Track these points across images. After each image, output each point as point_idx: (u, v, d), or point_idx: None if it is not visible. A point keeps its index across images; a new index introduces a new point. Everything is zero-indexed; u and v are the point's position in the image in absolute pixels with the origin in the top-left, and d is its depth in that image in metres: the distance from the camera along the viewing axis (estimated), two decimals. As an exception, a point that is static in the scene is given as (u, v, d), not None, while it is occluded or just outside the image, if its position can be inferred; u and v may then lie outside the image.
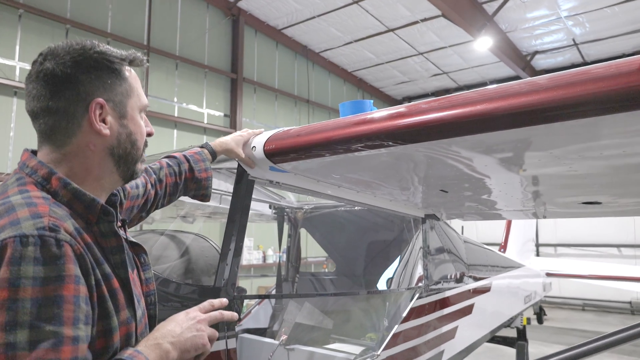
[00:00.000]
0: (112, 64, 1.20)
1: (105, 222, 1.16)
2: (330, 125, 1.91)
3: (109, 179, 1.25)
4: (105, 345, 1.08)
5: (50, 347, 0.90)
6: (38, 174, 1.12)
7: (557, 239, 14.03)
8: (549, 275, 6.81)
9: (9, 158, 8.25)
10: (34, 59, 1.18)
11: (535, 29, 12.41)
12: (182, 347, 1.21)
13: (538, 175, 2.28)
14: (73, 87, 1.14)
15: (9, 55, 8.33)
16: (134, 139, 1.26)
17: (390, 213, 3.36)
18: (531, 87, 1.38)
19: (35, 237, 0.95)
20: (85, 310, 0.99)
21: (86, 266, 1.03)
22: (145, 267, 1.35)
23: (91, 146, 1.18)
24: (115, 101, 1.21)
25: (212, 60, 11.83)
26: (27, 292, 0.91)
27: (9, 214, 0.99)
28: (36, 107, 1.15)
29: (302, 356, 3.00)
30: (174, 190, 1.84)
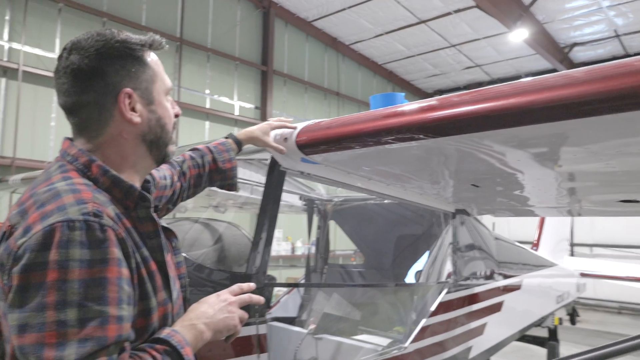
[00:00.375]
0: (134, 51, 1.23)
1: (142, 207, 1.20)
2: (361, 118, 1.92)
3: (143, 164, 1.30)
4: (145, 325, 1.13)
5: (98, 325, 0.96)
6: (79, 161, 1.17)
7: (593, 239, 13.61)
8: (584, 276, 6.64)
9: (50, 147, 8.56)
10: (59, 54, 1.22)
11: (575, 20, 12.03)
12: (215, 328, 1.26)
13: (573, 172, 2.24)
14: (101, 80, 1.18)
15: (50, 47, 8.62)
16: (163, 123, 1.30)
17: (420, 207, 3.35)
18: (568, 80, 1.36)
19: (81, 222, 1.00)
20: (127, 291, 1.05)
21: (127, 250, 1.08)
22: (176, 252, 1.40)
23: (124, 134, 1.23)
24: (142, 89, 1.24)
25: (243, 53, 11.94)
26: (75, 274, 0.96)
27: (56, 199, 1.04)
28: (68, 102, 1.20)
29: (330, 346, 3.04)
30: (198, 182, 1.87)
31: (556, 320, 5.56)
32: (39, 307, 0.93)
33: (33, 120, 8.36)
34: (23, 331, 0.93)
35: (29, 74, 8.24)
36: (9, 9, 8.09)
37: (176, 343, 1.13)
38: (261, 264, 2.06)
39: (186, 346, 1.15)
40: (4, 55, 8.04)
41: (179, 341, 1.14)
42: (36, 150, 8.38)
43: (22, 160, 8.06)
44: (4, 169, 7.94)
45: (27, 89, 8.27)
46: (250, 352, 1.99)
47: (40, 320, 0.93)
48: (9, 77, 8.08)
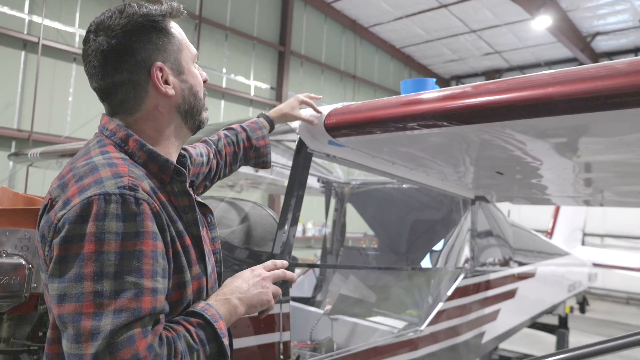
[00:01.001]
0: (158, 22, 1.22)
1: (177, 182, 1.22)
2: (390, 103, 1.93)
3: (179, 134, 1.31)
4: (180, 298, 1.15)
5: (132, 296, 0.98)
6: (117, 136, 1.19)
7: (604, 229, 13.54)
8: (596, 266, 6.64)
9: (67, 122, 8.64)
10: (84, 37, 1.22)
11: (599, 9, 11.78)
12: (249, 303, 1.28)
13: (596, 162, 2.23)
14: (131, 57, 1.18)
15: (70, 22, 8.65)
16: (195, 91, 1.31)
17: (439, 192, 3.36)
18: (609, 71, 1.36)
19: (117, 196, 1.01)
20: (162, 264, 1.06)
21: (162, 223, 1.09)
22: (211, 227, 1.42)
23: (160, 108, 1.24)
24: (171, 60, 1.24)
25: (261, 32, 11.87)
26: (111, 246, 0.98)
27: (93, 173, 1.06)
28: (102, 84, 1.20)
29: (346, 326, 3.09)
30: (234, 160, 1.90)
31: (567, 308, 5.59)
32: (77, 278, 0.96)
33: (51, 95, 8.43)
34: (62, 300, 0.96)
35: (49, 47, 8.29)
36: (30, -18, 8.11)
37: (210, 316, 1.14)
38: (286, 244, 2.09)
39: (219, 320, 1.16)
40: (24, 28, 8.08)
41: (212, 315, 1.16)
42: (53, 124, 8.47)
43: (39, 134, 8.15)
44: (21, 142, 8.05)
45: (46, 63, 8.33)
46: (274, 330, 2.03)
47: (78, 291, 0.95)
48: (29, 51, 8.13)
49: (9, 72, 7.94)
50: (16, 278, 1.49)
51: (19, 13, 8.04)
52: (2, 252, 1.49)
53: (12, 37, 7.88)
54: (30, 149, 6.00)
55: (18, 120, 8.05)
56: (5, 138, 7.95)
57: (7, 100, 7.92)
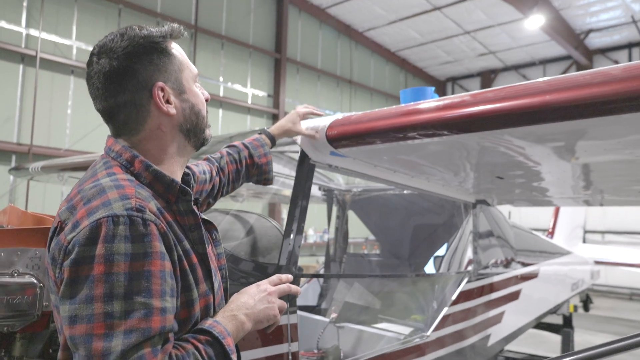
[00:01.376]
0: (158, 44, 1.24)
1: (183, 201, 1.23)
2: (391, 113, 1.95)
3: (183, 152, 1.33)
4: (188, 316, 1.17)
5: (142, 317, 0.99)
6: (123, 157, 1.21)
7: (605, 226, 13.58)
8: (598, 263, 6.66)
9: (66, 134, 8.67)
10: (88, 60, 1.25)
11: (591, 6, 11.88)
12: (256, 318, 1.29)
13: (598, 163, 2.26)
14: (133, 78, 1.20)
15: (67, 35, 8.69)
16: (197, 110, 1.32)
17: (440, 197, 3.38)
18: (604, 77, 1.38)
19: (125, 217, 1.03)
20: (170, 283, 1.08)
21: (169, 243, 1.11)
22: (216, 243, 1.43)
23: (162, 128, 1.26)
24: (172, 80, 1.26)
25: (257, 40, 11.92)
26: (121, 267, 1.00)
27: (101, 195, 1.08)
28: (106, 106, 1.23)
29: (352, 334, 3.11)
30: (237, 177, 1.93)
31: (571, 307, 5.60)
32: (88, 299, 0.98)
33: (50, 108, 8.46)
34: (73, 322, 0.98)
35: (46, 60, 8.33)
36: (26, -4, 8.15)
37: (218, 333, 1.16)
38: (292, 255, 2.11)
39: (227, 337, 1.18)
40: (22, 42, 8.12)
41: (220, 332, 1.17)
42: (52, 137, 8.49)
43: (38, 147, 8.18)
44: (21, 156, 8.07)
45: (44, 76, 8.37)
46: (282, 341, 2.05)
47: (88, 312, 0.97)
48: (27, 64, 8.17)
49: (8, 86, 7.97)
50: (28, 297, 1.50)
51: (17, 27, 8.08)
52: (14, 271, 1.51)
53: (10, 51, 7.92)
54: (30, 163, 6.02)
55: (17, 134, 8.08)
56: (5, 152, 7.97)
57: (6, 114, 7.95)
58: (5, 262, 1.52)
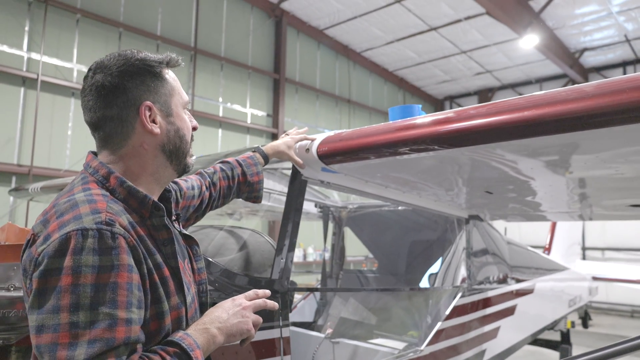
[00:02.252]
0: (153, 68, 1.31)
1: (156, 216, 1.27)
2: (380, 129, 2.01)
3: (164, 173, 1.37)
4: (158, 327, 1.20)
5: (106, 327, 1.02)
6: (99, 173, 1.25)
7: (604, 242, 13.56)
8: (596, 279, 6.66)
9: (66, 155, 8.74)
10: (85, 75, 1.32)
11: (585, 26, 12.07)
12: (229, 332, 1.31)
13: (584, 178, 2.31)
14: (123, 94, 1.26)
15: (68, 58, 8.83)
16: (181, 134, 1.37)
17: (434, 213, 3.43)
18: (578, 94, 1.45)
19: (94, 231, 1.07)
20: (137, 295, 1.10)
21: (138, 256, 1.14)
22: (197, 258, 1.47)
23: (145, 145, 1.30)
24: (160, 102, 1.32)
25: (256, 61, 12.10)
26: (87, 279, 1.03)
27: (73, 209, 1.12)
28: (93, 117, 1.28)
29: (347, 349, 3.12)
30: (228, 193, 1.98)
31: (568, 323, 5.59)
32: (54, 309, 1.01)
33: (50, 129, 8.56)
34: (40, 331, 1.00)
35: (47, 83, 8.46)
36: (28, 20, 8.32)
37: (186, 346, 1.17)
38: (284, 270, 2.15)
39: (196, 349, 1.19)
40: (23, 65, 8.25)
41: (189, 344, 1.19)
42: (53, 158, 8.56)
43: (39, 168, 8.24)
44: (21, 177, 8.13)
45: (45, 99, 8.48)
46: (274, 355, 2.07)
47: (55, 322, 1.00)
48: (28, 87, 8.29)
49: (9, 108, 8.07)
50: (23, 311, 1.54)
51: (18, 51, 8.23)
52: (10, 285, 1.56)
53: (12, 74, 8.05)
54: (30, 184, 6.08)
55: (18, 156, 8.15)
56: (5, 173, 8.03)
57: (7, 135, 8.04)
58: (3, 276, 1.57)
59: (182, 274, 1.29)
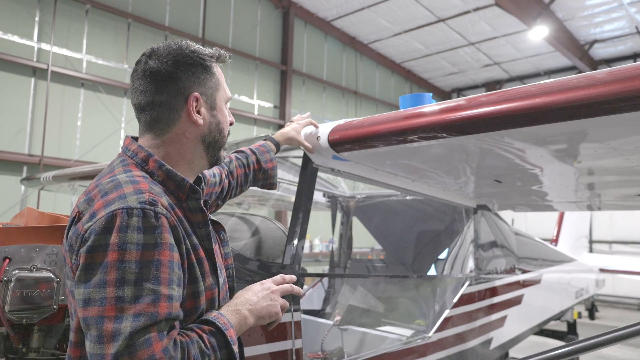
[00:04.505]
0: (204, 61, 1.36)
1: (193, 199, 1.32)
2: (391, 117, 2.04)
3: (198, 163, 1.42)
4: (193, 306, 1.24)
5: (150, 302, 1.06)
6: (138, 156, 1.30)
7: (612, 235, 13.51)
8: (603, 271, 6.66)
9: (76, 145, 8.82)
10: (137, 59, 1.36)
11: (595, 17, 11.96)
12: (258, 314, 1.37)
13: (593, 167, 2.32)
14: (174, 83, 1.31)
15: (77, 48, 8.89)
16: (221, 128, 1.43)
17: (442, 202, 3.45)
18: (590, 81, 1.46)
19: (138, 210, 1.11)
20: (178, 273, 1.15)
21: (178, 236, 1.19)
22: (224, 243, 1.52)
23: (187, 134, 1.35)
24: (207, 94, 1.37)
25: (263, 53, 12.11)
26: (132, 255, 1.07)
27: (117, 189, 1.17)
28: (143, 100, 1.32)
29: (355, 336, 3.17)
30: (245, 181, 2.03)
31: (575, 314, 5.61)
32: (101, 284, 1.05)
33: (60, 120, 8.64)
34: (87, 304, 1.05)
35: (57, 74, 8.52)
36: (38, 10, 8.37)
37: (221, 325, 1.22)
38: (296, 256, 2.19)
39: (230, 328, 1.24)
40: (34, 56, 8.31)
41: (223, 323, 1.23)
42: (63, 148, 8.66)
43: (49, 158, 8.33)
44: (32, 167, 8.22)
45: (55, 89, 8.55)
46: (286, 338, 2.12)
47: (101, 295, 1.04)
48: (38, 77, 8.36)
49: (20, 99, 8.15)
50: (45, 291, 1.59)
51: (29, 41, 8.29)
52: (32, 266, 1.60)
53: (22, 64, 8.12)
54: (41, 173, 6.15)
55: (29, 146, 8.24)
56: (17, 163, 8.13)
57: (18, 126, 8.12)
58: (25, 258, 1.61)
59: (215, 256, 1.34)
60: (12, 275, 1.55)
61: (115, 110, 9.21)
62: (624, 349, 7.79)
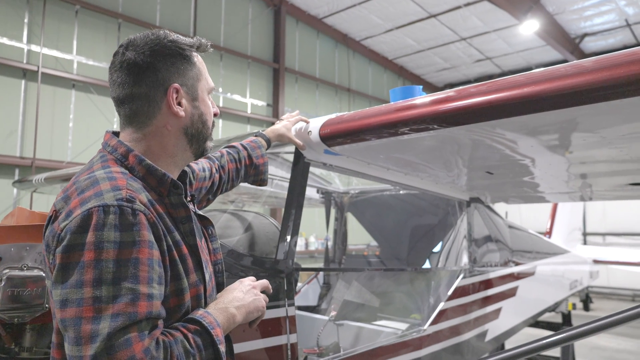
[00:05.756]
0: (184, 51, 1.32)
1: (174, 194, 1.28)
2: (382, 110, 2.04)
3: (182, 156, 1.38)
4: (178, 304, 1.21)
5: (129, 301, 1.03)
6: (118, 151, 1.27)
7: (605, 227, 13.61)
8: (596, 263, 6.70)
9: (68, 147, 8.78)
10: (115, 51, 1.33)
11: (585, 10, 12.02)
12: (247, 310, 1.36)
13: (583, 157, 2.33)
14: (153, 74, 1.27)
15: (67, 49, 8.83)
16: (204, 119, 1.38)
17: (435, 196, 3.46)
18: (577, 69, 1.47)
19: (115, 207, 1.08)
20: (158, 271, 1.12)
21: (158, 233, 1.16)
22: (212, 238, 1.50)
23: (168, 127, 1.31)
24: (188, 85, 1.33)
25: (255, 51, 12.08)
26: (110, 254, 1.04)
27: (94, 186, 1.13)
28: (121, 93, 1.28)
29: (351, 331, 3.17)
30: (236, 175, 2.01)
31: (569, 305, 5.64)
32: (78, 284, 1.02)
33: (52, 121, 8.58)
34: (64, 305, 1.02)
35: (48, 75, 8.47)
36: (27, 12, 8.31)
37: (207, 324, 1.20)
38: (289, 251, 2.19)
39: (217, 327, 1.22)
40: (23, 58, 8.26)
41: (210, 322, 1.21)
42: (55, 150, 8.60)
43: (41, 160, 8.28)
44: (24, 169, 8.17)
45: (46, 91, 8.50)
46: (281, 333, 2.12)
47: (78, 296, 1.02)
48: (28, 79, 8.31)
49: (10, 101, 8.10)
50: (37, 290, 1.58)
51: (18, 43, 8.23)
52: (23, 265, 1.59)
53: (12, 66, 8.06)
54: (34, 175, 6.12)
55: (20, 148, 8.19)
56: (8, 166, 8.08)
57: (9, 128, 8.07)
58: (16, 256, 1.60)
59: (200, 252, 1.31)
60: (3, 275, 1.55)
61: (107, 111, 9.17)
62: (618, 339, 7.87)
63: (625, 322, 2.21)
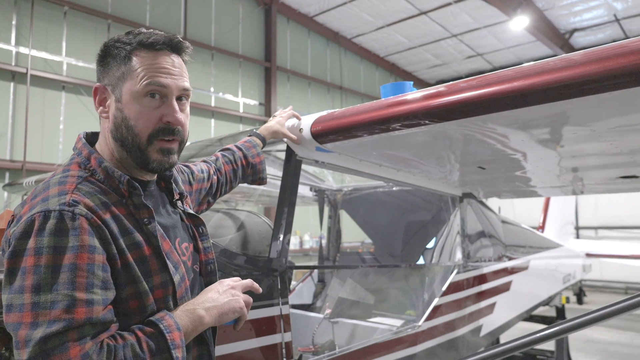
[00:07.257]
0: (116, 48, 1.27)
1: (135, 195, 1.26)
2: (372, 106, 2.03)
3: (127, 162, 1.31)
4: (139, 306, 1.20)
5: (64, 308, 1.03)
6: (82, 154, 1.28)
7: (597, 221, 13.70)
8: (589, 256, 6.75)
9: (59, 150, 8.70)
10: None
11: (574, 6, 12.08)
12: (220, 311, 1.31)
13: (574, 150, 2.34)
14: (99, 74, 1.32)
15: (56, 51, 8.75)
16: (129, 124, 1.26)
17: (428, 192, 3.46)
18: (566, 62, 1.47)
19: (56, 212, 1.09)
20: (101, 276, 1.10)
21: (105, 236, 1.14)
22: (203, 237, 1.48)
23: (105, 129, 1.33)
24: (112, 85, 1.28)
25: (246, 50, 12.04)
26: (47, 260, 1.05)
27: (45, 192, 1.15)
28: None
29: (346, 328, 3.17)
30: (234, 177, 2.01)
31: (563, 299, 5.68)
32: (19, 289, 1.04)
33: (42, 124, 8.51)
34: (9, 310, 1.04)
35: (37, 77, 8.39)
36: (15, 14, 8.22)
37: (164, 327, 1.17)
38: (282, 249, 2.18)
39: (175, 331, 1.18)
40: (12, 60, 8.17)
41: (168, 325, 1.18)
42: (45, 153, 8.53)
43: (32, 163, 8.20)
44: (14, 172, 8.09)
45: (36, 93, 8.42)
46: (275, 332, 2.11)
47: (20, 302, 1.03)
48: (17, 82, 8.22)
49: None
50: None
51: (6, 45, 8.14)
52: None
53: (0, 69, 7.97)
54: (25, 178, 6.06)
55: (10, 151, 8.11)
56: (-2, 169, 8.00)
57: (-2, 132, 7.99)
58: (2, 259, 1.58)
59: (169, 252, 1.29)
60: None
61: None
62: (612, 332, 7.94)
63: (617, 314, 2.22)
